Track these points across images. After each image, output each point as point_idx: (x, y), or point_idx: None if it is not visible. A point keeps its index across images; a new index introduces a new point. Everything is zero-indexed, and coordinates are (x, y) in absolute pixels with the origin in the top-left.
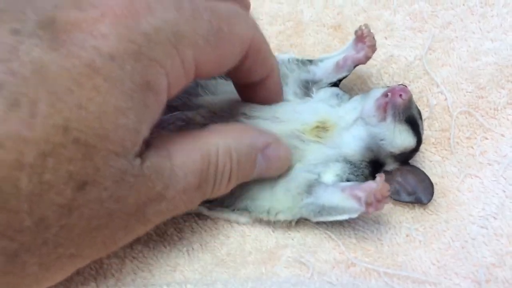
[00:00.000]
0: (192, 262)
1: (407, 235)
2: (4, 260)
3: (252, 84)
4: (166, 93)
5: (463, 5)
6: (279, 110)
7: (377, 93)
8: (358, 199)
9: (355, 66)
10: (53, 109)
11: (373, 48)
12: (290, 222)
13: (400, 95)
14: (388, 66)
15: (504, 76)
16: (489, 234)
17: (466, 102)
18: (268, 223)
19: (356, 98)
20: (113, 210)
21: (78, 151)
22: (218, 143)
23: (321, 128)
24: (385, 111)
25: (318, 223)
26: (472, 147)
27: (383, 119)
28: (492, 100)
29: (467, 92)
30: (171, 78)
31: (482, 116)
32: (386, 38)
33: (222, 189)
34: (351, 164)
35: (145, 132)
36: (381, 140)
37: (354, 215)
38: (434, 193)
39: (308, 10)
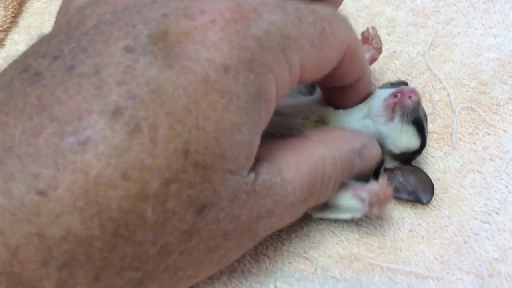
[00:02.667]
0: None
1: (410, 231)
2: None
3: (344, 86)
4: (274, 101)
5: (466, 1)
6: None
7: (385, 92)
8: (362, 199)
9: None
10: (173, 132)
11: (379, 50)
12: None
13: (410, 97)
14: (391, 62)
15: (506, 72)
16: (492, 229)
17: (469, 97)
18: None
19: None
20: (228, 230)
21: (197, 174)
22: (323, 154)
23: (321, 123)
24: (393, 111)
25: (321, 218)
26: (474, 143)
27: (391, 119)
28: (494, 95)
29: (469, 87)
30: (278, 84)
31: (485, 111)
32: (388, 34)
33: (325, 198)
34: None
35: (256, 144)
36: (386, 139)
37: (358, 215)
38: (437, 188)
39: None
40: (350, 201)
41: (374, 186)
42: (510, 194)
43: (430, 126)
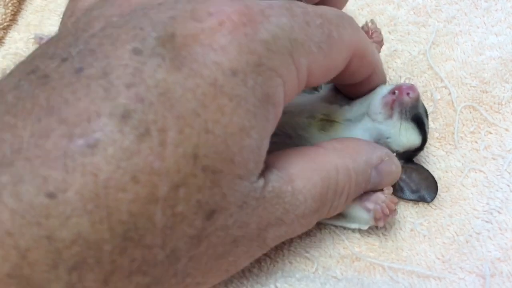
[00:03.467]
0: None
1: (411, 230)
2: None
3: (354, 84)
4: (283, 104)
5: None
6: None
7: (384, 90)
8: (368, 210)
9: None
10: (182, 135)
11: (381, 43)
12: None
13: (408, 93)
14: (392, 61)
15: (508, 71)
16: (494, 228)
17: (470, 96)
18: None
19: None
20: (237, 237)
21: (206, 179)
22: (336, 164)
23: (326, 122)
24: (391, 108)
25: None
26: (476, 142)
27: (390, 116)
28: (496, 94)
29: (471, 86)
30: (287, 89)
31: (486, 110)
32: (389, 32)
33: (338, 209)
34: None
35: (265, 148)
36: (387, 137)
37: (364, 227)
38: (438, 187)
39: None
40: (357, 212)
41: (379, 196)
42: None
43: (432, 125)
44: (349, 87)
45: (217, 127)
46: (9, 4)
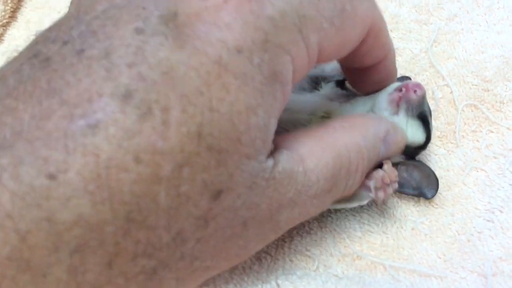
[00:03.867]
0: None
1: (412, 229)
2: (143, 278)
3: (366, 67)
4: (292, 82)
5: None
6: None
7: (389, 87)
8: (368, 188)
9: None
10: (185, 114)
11: None
12: None
13: (415, 91)
14: None
15: (510, 69)
16: (496, 227)
17: (472, 95)
18: None
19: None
20: (247, 219)
21: (212, 158)
22: (346, 142)
23: (327, 119)
24: (398, 105)
25: (323, 215)
26: (477, 140)
27: (396, 113)
28: (498, 93)
29: (473, 85)
30: (295, 66)
31: (488, 109)
32: (391, 30)
33: (353, 188)
34: None
35: (273, 127)
36: None
37: (364, 202)
38: (440, 186)
39: None
40: (356, 191)
41: (378, 172)
42: None
43: (433, 124)
44: (358, 74)
45: (222, 105)
46: (9, 1)
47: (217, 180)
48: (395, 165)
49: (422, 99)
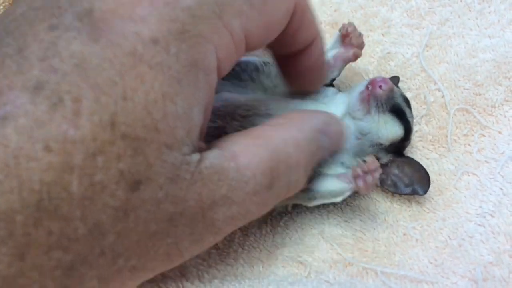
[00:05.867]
0: (189, 260)
1: (404, 234)
2: (60, 273)
3: (295, 53)
4: (217, 71)
5: (461, 1)
6: (272, 106)
7: (360, 87)
8: (348, 180)
9: (345, 65)
10: (97, 104)
11: (361, 46)
12: (286, 207)
13: (380, 86)
14: (386, 63)
15: (501, 73)
16: (487, 232)
17: (464, 99)
18: (266, 222)
19: (344, 93)
20: (172, 214)
21: (127, 146)
22: (284, 137)
23: None
24: (368, 103)
25: (315, 222)
26: (469, 145)
27: (368, 111)
28: (489, 97)
29: (464, 89)
30: (220, 54)
31: (480, 113)
32: (383, 35)
33: (300, 184)
34: (343, 164)
35: (197, 117)
36: (369, 133)
37: (348, 194)
38: (431, 191)
39: None
40: (337, 185)
41: (359, 165)
42: (505, 197)
43: (425, 128)
44: (290, 62)
45: (137, 94)
46: (1, 7)
47: (134, 170)
48: (386, 165)
49: (391, 93)
